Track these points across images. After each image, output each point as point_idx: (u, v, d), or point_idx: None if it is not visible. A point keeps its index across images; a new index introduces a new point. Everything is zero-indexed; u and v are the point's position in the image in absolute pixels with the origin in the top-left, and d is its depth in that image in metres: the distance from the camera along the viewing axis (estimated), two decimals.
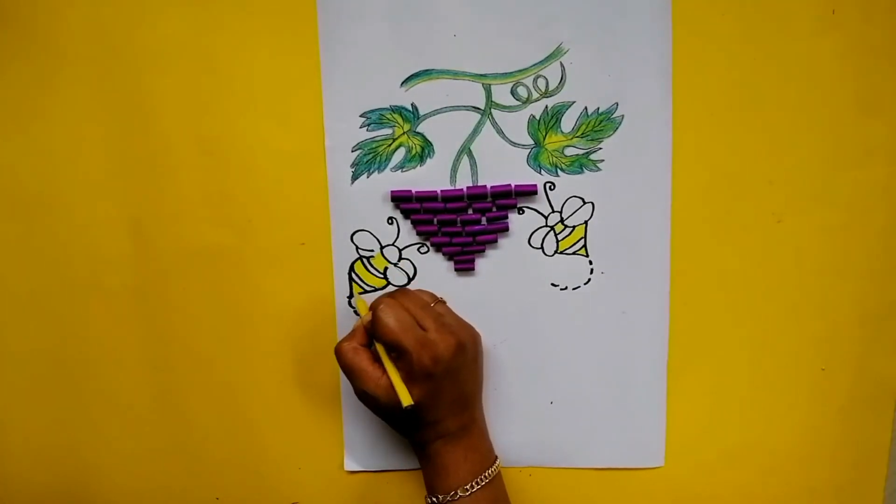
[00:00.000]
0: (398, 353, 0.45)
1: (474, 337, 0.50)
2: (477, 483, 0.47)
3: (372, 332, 0.47)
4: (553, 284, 0.52)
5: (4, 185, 0.53)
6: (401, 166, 0.50)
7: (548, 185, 0.50)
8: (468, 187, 0.50)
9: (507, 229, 0.51)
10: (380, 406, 0.46)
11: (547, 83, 0.49)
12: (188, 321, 0.54)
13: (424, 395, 0.45)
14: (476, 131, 0.50)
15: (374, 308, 0.46)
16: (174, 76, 0.50)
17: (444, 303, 0.51)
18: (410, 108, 0.50)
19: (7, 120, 0.51)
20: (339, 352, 0.47)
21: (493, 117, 0.50)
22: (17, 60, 0.50)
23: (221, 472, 0.57)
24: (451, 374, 0.46)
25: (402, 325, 0.45)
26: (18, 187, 0.53)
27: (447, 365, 0.45)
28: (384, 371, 0.46)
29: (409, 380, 0.45)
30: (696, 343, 0.53)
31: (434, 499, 0.47)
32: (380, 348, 0.47)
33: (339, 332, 0.53)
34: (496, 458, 0.50)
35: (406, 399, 0.44)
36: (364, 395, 0.47)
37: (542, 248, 0.52)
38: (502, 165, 0.50)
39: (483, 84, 0.49)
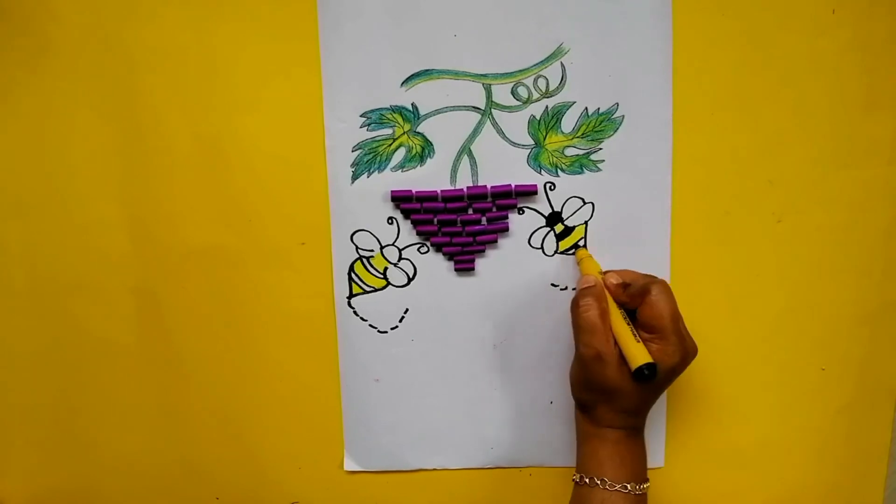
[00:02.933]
0: (656, 337, 0.44)
1: None
2: (641, 489, 0.45)
3: (628, 304, 0.45)
4: (553, 284, 0.52)
5: (4, 185, 0.53)
6: (401, 166, 0.50)
7: (548, 185, 0.50)
8: (468, 187, 0.50)
9: (507, 229, 0.51)
10: (603, 372, 0.44)
11: (547, 83, 0.49)
12: (188, 321, 0.54)
13: (652, 385, 0.44)
14: (476, 131, 0.50)
15: (648, 284, 0.45)
16: (174, 76, 0.49)
17: None
18: (411, 107, 0.50)
19: (7, 120, 0.51)
20: (586, 306, 0.45)
21: (493, 117, 0.50)
22: (18, 62, 0.50)
23: (221, 472, 0.57)
24: (675, 376, 0.45)
25: (674, 314, 0.44)
26: (18, 187, 0.52)
27: (683, 367, 0.45)
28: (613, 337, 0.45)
29: None
30: (697, 343, 0.52)
31: (599, 481, 0.45)
32: (617, 314, 0.45)
33: (339, 332, 0.53)
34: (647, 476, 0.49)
35: (643, 357, 0.42)
36: (594, 360, 0.44)
37: (542, 248, 0.52)
38: (502, 165, 0.50)
39: (483, 84, 0.49)
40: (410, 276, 0.52)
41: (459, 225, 0.51)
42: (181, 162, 0.51)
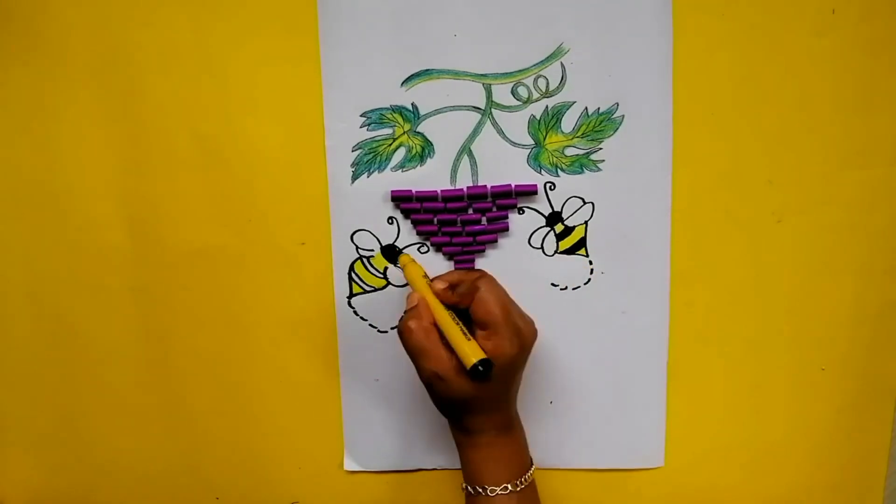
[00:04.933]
0: (489, 333, 0.44)
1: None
2: (524, 480, 0.46)
3: (458, 304, 0.46)
4: (553, 284, 0.52)
5: (5, 185, 0.53)
6: (401, 166, 0.50)
7: (548, 185, 0.50)
8: (468, 187, 0.50)
9: (507, 229, 0.51)
10: (448, 390, 0.45)
11: (547, 83, 0.49)
12: (188, 321, 0.54)
13: (500, 381, 0.45)
14: (476, 131, 0.50)
15: (474, 281, 0.46)
16: (174, 76, 0.49)
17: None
18: (411, 107, 0.50)
19: (7, 120, 0.51)
20: (409, 331, 0.45)
21: (493, 117, 0.50)
22: (17, 60, 0.50)
23: (221, 472, 0.57)
24: (522, 365, 0.46)
25: (503, 306, 0.45)
26: (19, 187, 0.52)
27: (526, 355, 0.46)
28: (452, 352, 0.45)
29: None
30: (696, 343, 0.53)
31: (480, 489, 0.46)
32: (444, 315, 0.46)
33: (339, 332, 0.53)
34: (531, 459, 0.50)
35: (477, 354, 0.43)
36: (434, 378, 0.45)
37: (542, 248, 0.52)
38: (502, 165, 0.50)
39: (483, 84, 0.49)
40: None
41: (459, 225, 0.51)
42: (181, 162, 0.51)
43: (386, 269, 0.52)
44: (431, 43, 0.49)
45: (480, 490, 0.46)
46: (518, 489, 0.46)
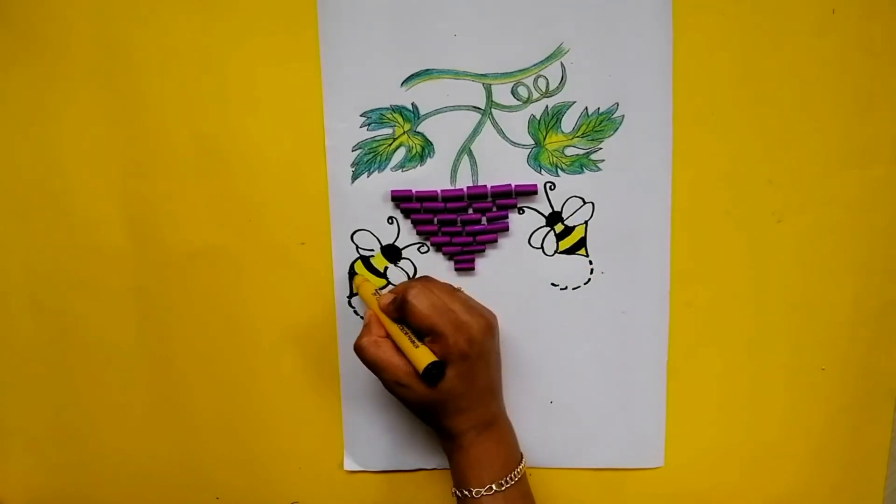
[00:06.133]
0: (433, 337, 0.45)
1: (496, 319, 0.49)
2: (511, 478, 0.46)
3: (401, 317, 0.46)
4: (553, 284, 0.52)
5: (5, 185, 0.53)
6: (401, 166, 0.50)
7: (548, 185, 0.50)
8: (468, 187, 0.50)
9: (507, 229, 0.51)
10: (412, 394, 0.45)
11: (547, 83, 0.49)
12: (188, 321, 0.54)
13: (459, 379, 0.45)
14: (476, 131, 0.50)
15: (403, 293, 0.46)
16: (174, 76, 0.50)
17: (461, 290, 0.51)
18: (411, 107, 0.50)
19: (7, 120, 0.51)
20: (360, 348, 0.47)
21: (493, 117, 0.50)
22: (17, 60, 0.50)
23: (221, 472, 0.57)
24: (483, 357, 0.46)
25: (437, 309, 0.45)
26: (19, 187, 0.53)
27: (480, 347, 0.46)
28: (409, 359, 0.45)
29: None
30: (696, 343, 0.53)
31: (466, 492, 0.46)
32: (393, 327, 0.46)
33: (339, 331, 0.53)
34: (522, 454, 0.50)
35: (426, 358, 0.43)
36: (396, 387, 0.46)
37: (542, 248, 0.52)
38: (502, 165, 0.50)
39: (483, 84, 0.49)
40: (410, 276, 0.52)
41: (459, 225, 0.51)
42: (181, 162, 0.51)
43: (386, 268, 0.52)
44: (431, 43, 0.49)
45: (466, 493, 0.46)
46: (503, 489, 0.46)
